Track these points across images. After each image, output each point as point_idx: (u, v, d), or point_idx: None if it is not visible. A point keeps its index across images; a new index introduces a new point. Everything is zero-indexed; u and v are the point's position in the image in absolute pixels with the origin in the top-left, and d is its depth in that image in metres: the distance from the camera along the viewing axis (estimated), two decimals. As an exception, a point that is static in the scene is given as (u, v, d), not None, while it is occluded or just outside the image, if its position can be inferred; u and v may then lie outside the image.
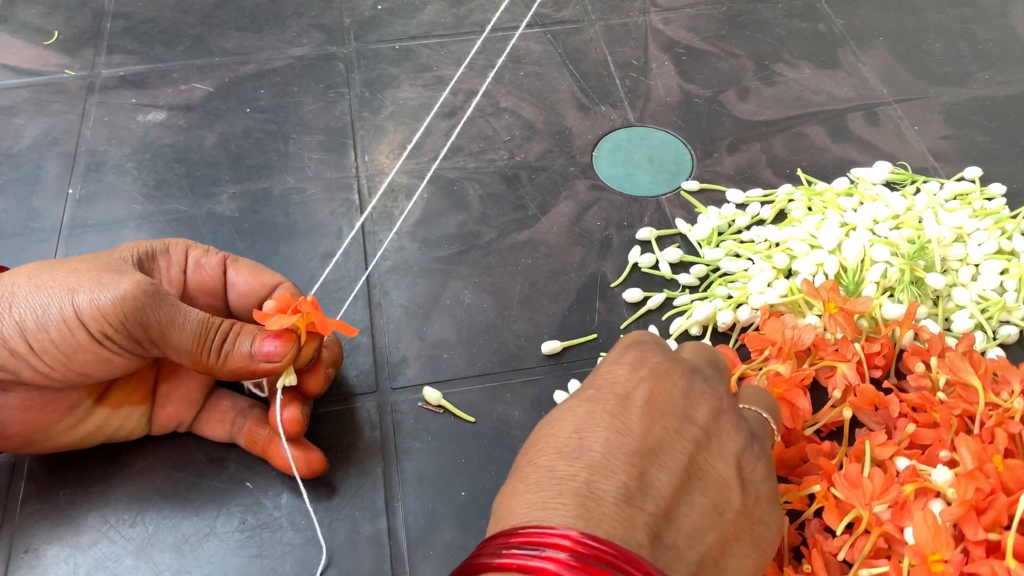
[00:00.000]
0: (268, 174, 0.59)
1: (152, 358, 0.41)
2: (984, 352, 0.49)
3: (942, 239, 0.51)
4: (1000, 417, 0.41)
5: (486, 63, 0.67)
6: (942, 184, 0.57)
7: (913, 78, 0.66)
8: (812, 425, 0.45)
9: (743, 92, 0.65)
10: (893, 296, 0.49)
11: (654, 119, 0.63)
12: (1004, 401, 0.42)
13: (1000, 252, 0.52)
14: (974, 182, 0.57)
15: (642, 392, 0.34)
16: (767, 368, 0.44)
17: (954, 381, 0.44)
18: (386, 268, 0.54)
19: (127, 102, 0.64)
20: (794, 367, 0.45)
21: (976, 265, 0.51)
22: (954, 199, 0.56)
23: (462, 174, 0.59)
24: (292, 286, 0.44)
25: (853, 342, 0.46)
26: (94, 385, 0.41)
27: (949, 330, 0.50)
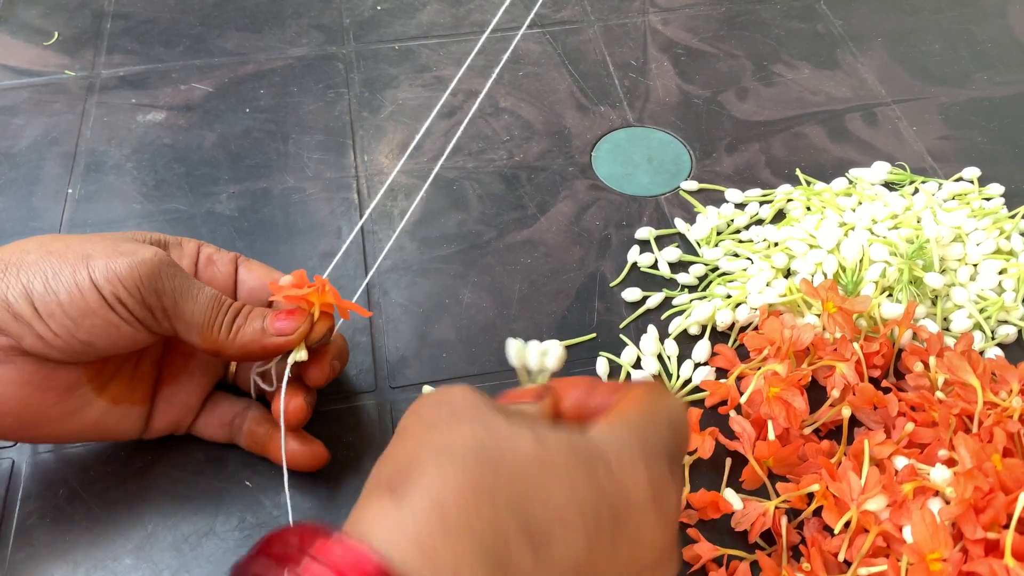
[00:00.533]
0: (268, 174, 0.59)
1: (160, 335, 0.40)
2: (982, 351, 0.49)
3: (940, 239, 0.51)
4: (998, 416, 0.41)
5: (486, 63, 0.67)
6: (940, 184, 0.57)
7: (912, 79, 0.66)
8: (811, 424, 0.45)
9: (742, 92, 0.65)
10: (892, 296, 0.49)
11: (653, 119, 0.63)
12: (1002, 400, 0.42)
13: (998, 252, 0.52)
14: (972, 182, 0.57)
15: (644, 539, 0.28)
16: (765, 368, 0.44)
17: (953, 380, 0.44)
18: (385, 267, 0.54)
19: (127, 102, 0.64)
20: (791, 367, 0.45)
21: (974, 265, 0.52)
22: (952, 199, 0.56)
23: (461, 174, 0.59)
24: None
25: (852, 341, 0.46)
26: (94, 370, 0.40)
27: (948, 329, 0.50)
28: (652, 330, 0.50)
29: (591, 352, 0.49)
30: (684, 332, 0.50)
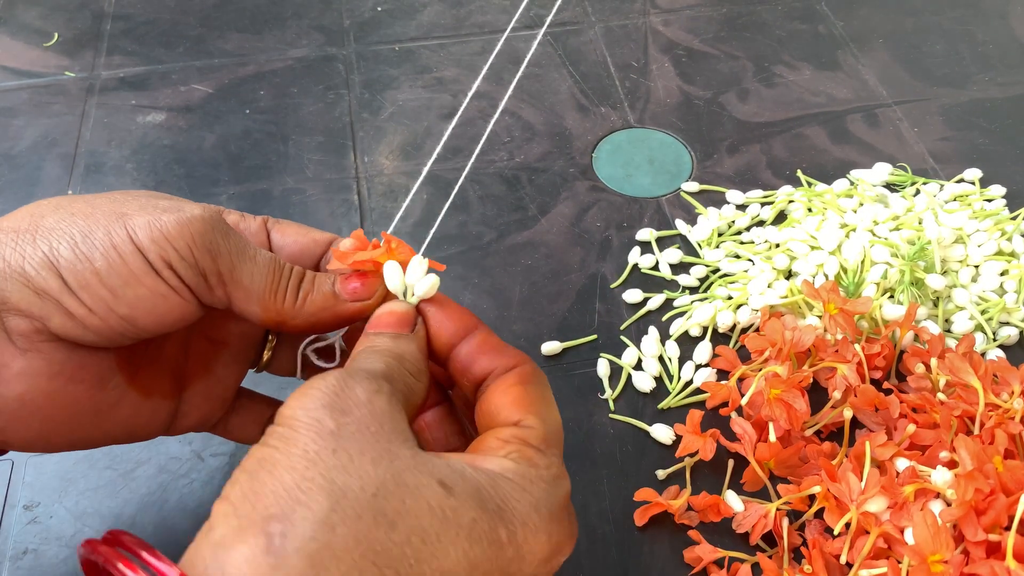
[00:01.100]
0: (267, 175, 0.59)
1: (209, 308, 0.33)
2: (984, 353, 0.49)
3: (942, 240, 0.51)
4: (1000, 418, 0.41)
5: (490, 66, 0.67)
6: (942, 185, 0.57)
7: (913, 80, 0.66)
8: (812, 426, 0.45)
9: (743, 93, 0.65)
10: (893, 297, 0.49)
11: (654, 120, 0.63)
12: (1004, 402, 0.42)
13: (1000, 253, 0.52)
14: (974, 183, 0.57)
15: None
16: (766, 369, 0.44)
17: (954, 382, 0.44)
18: (386, 269, 0.54)
19: (127, 103, 0.64)
20: (791, 368, 0.45)
21: (976, 266, 0.51)
22: (954, 200, 0.56)
23: (462, 175, 0.59)
24: (343, 241, 0.36)
25: (853, 343, 0.46)
26: (124, 357, 0.34)
27: (949, 331, 0.50)
28: (653, 331, 0.50)
29: (592, 353, 0.49)
30: (685, 333, 0.50)
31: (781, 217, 0.56)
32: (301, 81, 0.66)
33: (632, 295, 0.52)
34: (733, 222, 0.56)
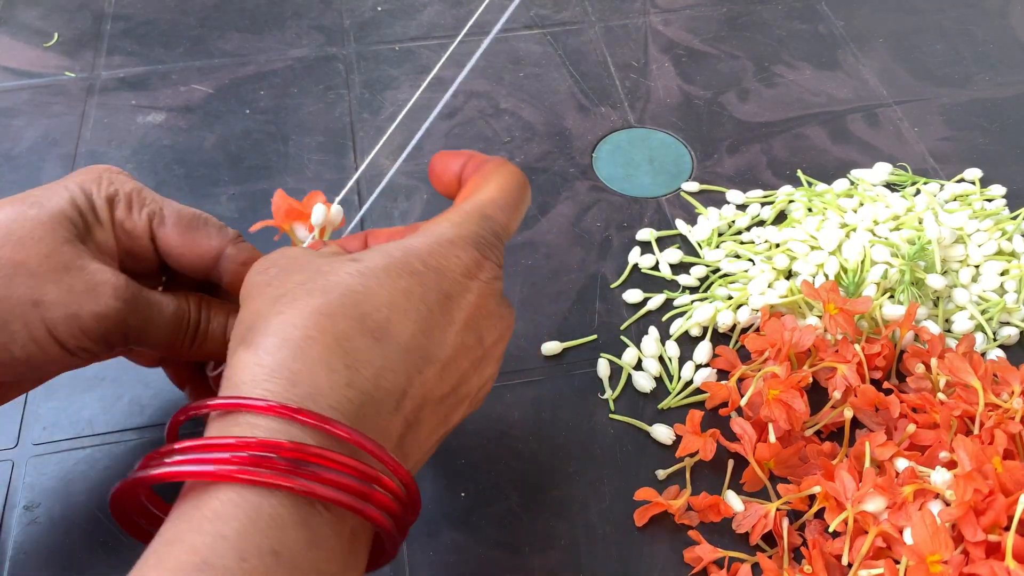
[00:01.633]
0: (268, 175, 0.59)
1: None
2: (984, 353, 0.49)
3: (942, 240, 0.51)
4: (1000, 418, 0.41)
5: (486, 64, 0.67)
6: (942, 185, 0.57)
7: (913, 79, 0.66)
8: (812, 426, 0.45)
9: (743, 93, 0.65)
10: (893, 297, 0.49)
11: (654, 120, 0.63)
12: (1004, 402, 0.42)
13: (1000, 253, 0.52)
14: (974, 183, 0.57)
15: (466, 304, 0.32)
16: (765, 370, 0.44)
17: (954, 382, 0.44)
18: (386, 269, 0.54)
19: (127, 103, 0.64)
20: (790, 368, 0.45)
21: (976, 266, 0.51)
22: (954, 200, 0.56)
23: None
24: (239, 249, 0.39)
25: (853, 343, 0.46)
26: None
27: (949, 331, 0.50)
28: (653, 331, 0.50)
29: (592, 353, 0.49)
30: (685, 333, 0.50)
31: (781, 217, 0.56)
32: (301, 81, 0.66)
33: (632, 295, 0.52)
34: (733, 222, 0.56)
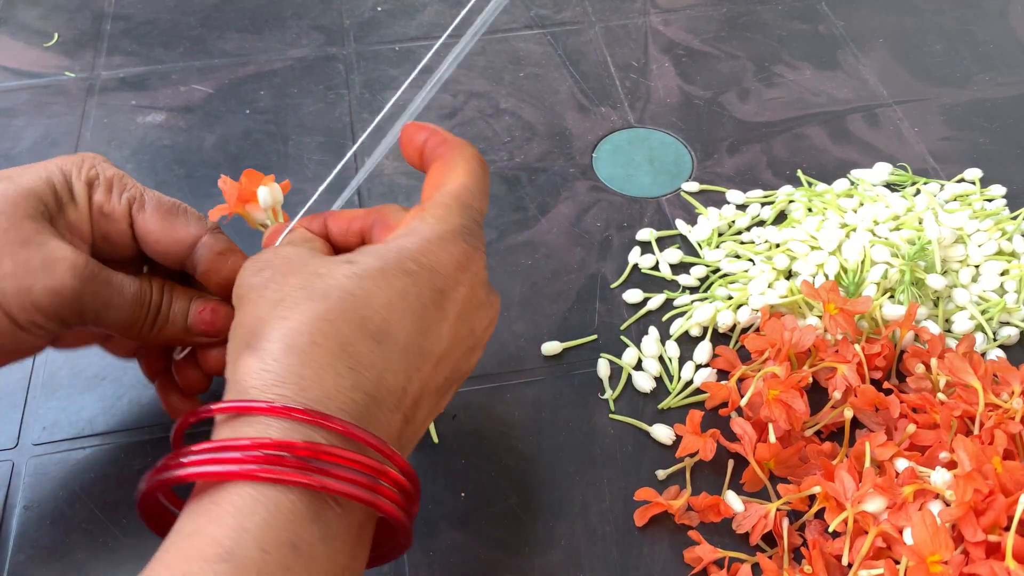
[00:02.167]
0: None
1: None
2: (984, 353, 0.49)
3: (942, 240, 0.51)
4: (1000, 418, 0.41)
5: (487, 64, 0.67)
6: (942, 185, 0.57)
7: (913, 79, 0.66)
8: (812, 426, 0.45)
9: (743, 93, 0.65)
10: (893, 297, 0.49)
11: (654, 120, 0.63)
12: (1004, 402, 0.42)
13: (1000, 253, 0.52)
14: (974, 183, 0.57)
15: (459, 297, 0.33)
16: (765, 370, 0.44)
17: (954, 382, 0.44)
18: (386, 269, 0.54)
19: (127, 103, 0.64)
20: (790, 369, 0.45)
21: (976, 266, 0.51)
22: (954, 200, 0.56)
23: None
24: (216, 240, 0.39)
25: (853, 343, 0.46)
26: None
27: (949, 331, 0.50)
28: (653, 331, 0.50)
29: (592, 354, 0.49)
30: (685, 334, 0.50)
31: (781, 217, 0.56)
32: (301, 81, 0.66)
33: (632, 295, 0.52)
34: (733, 222, 0.56)
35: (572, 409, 0.47)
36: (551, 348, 0.49)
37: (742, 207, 0.57)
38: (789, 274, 0.52)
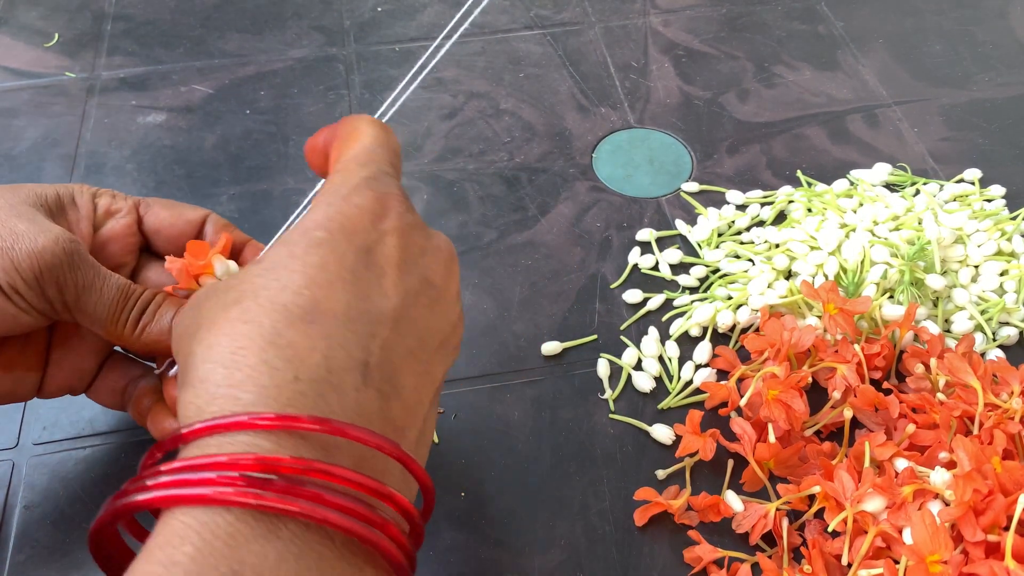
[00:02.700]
0: (268, 175, 0.59)
1: (59, 320, 0.37)
2: (984, 353, 0.49)
3: (942, 240, 0.51)
4: (999, 418, 0.41)
5: (487, 65, 0.67)
6: (942, 186, 0.57)
7: (913, 80, 0.66)
8: (812, 426, 0.45)
9: (743, 94, 0.65)
10: (893, 297, 0.49)
11: (654, 121, 0.63)
12: (1003, 402, 0.42)
13: (1000, 253, 0.52)
14: (974, 184, 0.57)
15: (388, 250, 0.30)
16: (764, 370, 0.44)
17: (954, 382, 0.44)
18: (386, 269, 0.54)
19: (127, 104, 0.64)
20: (789, 369, 0.45)
21: (976, 266, 0.52)
22: (954, 200, 0.56)
23: (462, 175, 0.59)
24: (219, 218, 0.41)
25: (853, 343, 0.46)
26: None
27: (949, 331, 0.50)
28: (653, 331, 0.50)
29: (592, 353, 0.49)
30: (685, 334, 0.50)
31: (781, 217, 0.56)
32: (301, 81, 0.66)
33: (632, 295, 0.52)
34: (733, 222, 0.56)
35: (572, 409, 0.47)
36: (551, 348, 0.49)
37: (742, 207, 0.57)
38: (789, 274, 0.52)
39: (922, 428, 0.43)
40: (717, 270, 0.53)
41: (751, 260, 0.53)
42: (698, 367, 0.49)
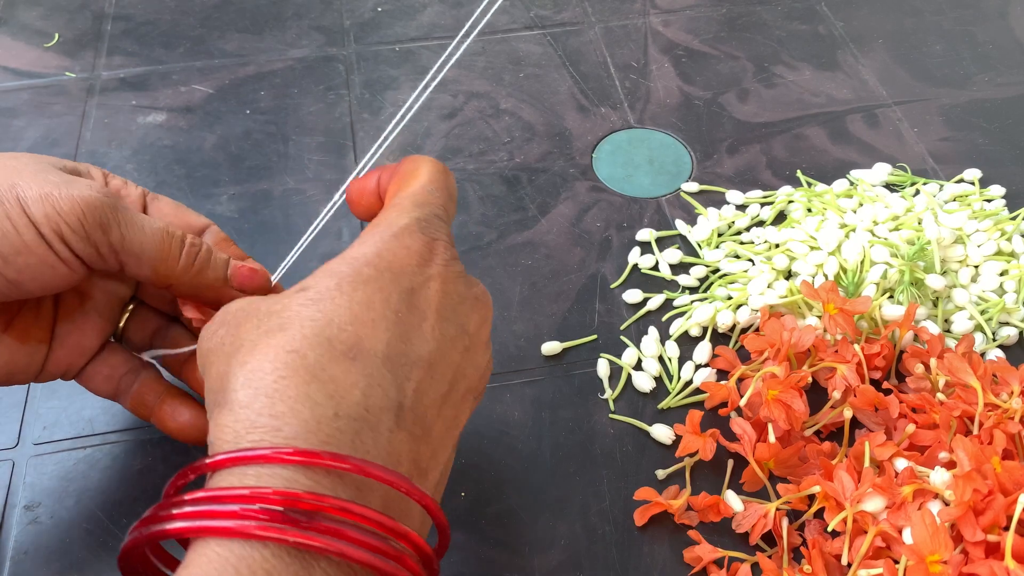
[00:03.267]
0: (268, 175, 0.59)
1: (100, 270, 0.36)
2: (984, 353, 0.49)
3: (942, 240, 0.51)
4: (999, 418, 0.41)
5: (487, 65, 0.67)
6: (942, 186, 0.57)
7: (913, 80, 0.66)
8: (812, 426, 0.45)
9: (743, 94, 0.65)
10: (893, 297, 0.49)
11: (654, 121, 0.63)
12: (1003, 402, 0.42)
13: (999, 254, 0.52)
14: (973, 184, 0.57)
15: (431, 293, 0.30)
16: (764, 370, 0.44)
17: (953, 382, 0.44)
18: (386, 269, 0.54)
19: (127, 104, 0.64)
20: (789, 369, 0.45)
21: (976, 266, 0.52)
22: (953, 201, 0.56)
23: (462, 175, 0.59)
24: (219, 230, 0.41)
25: (853, 343, 0.46)
26: (1, 306, 0.36)
27: (949, 331, 0.50)
28: (653, 331, 0.50)
29: (592, 353, 0.49)
30: (685, 334, 0.50)
31: (781, 217, 0.56)
32: (301, 81, 0.66)
33: (632, 295, 0.52)
34: (733, 222, 0.56)
35: (572, 409, 0.47)
36: (551, 348, 0.49)
37: (742, 207, 0.57)
38: (789, 274, 0.52)
39: (922, 428, 0.43)
40: (717, 270, 0.53)
41: (751, 260, 0.53)
42: (698, 367, 0.49)
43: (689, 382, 0.48)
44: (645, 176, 0.59)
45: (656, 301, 0.52)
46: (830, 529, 0.39)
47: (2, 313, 0.37)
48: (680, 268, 0.54)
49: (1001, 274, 0.51)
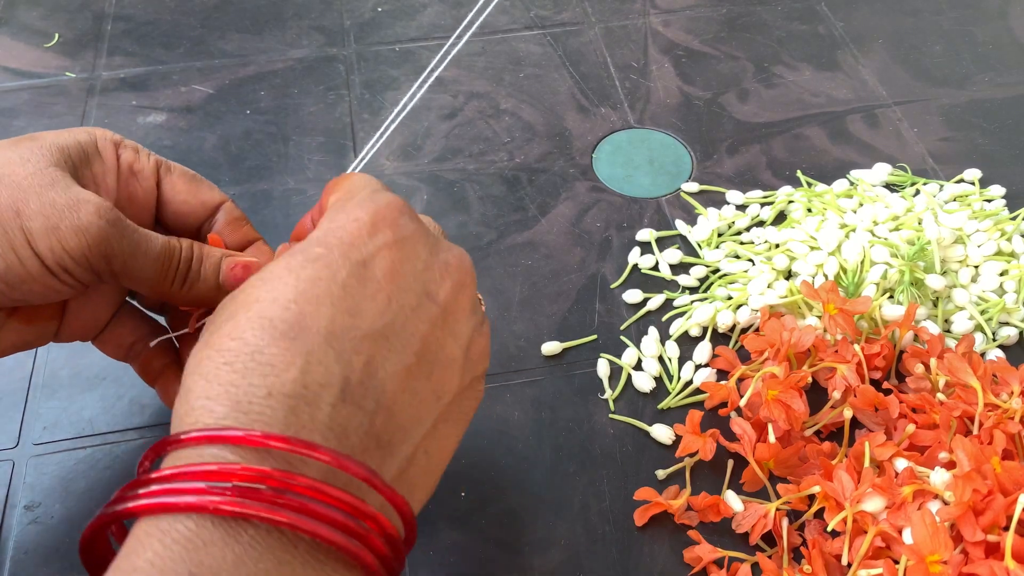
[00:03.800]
0: (268, 175, 0.59)
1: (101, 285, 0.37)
2: (984, 353, 0.49)
3: (942, 240, 0.51)
4: (999, 418, 0.41)
5: (486, 65, 0.67)
6: (941, 186, 0.57)
7: (912, 80, 0.66)
8: (812, 426, 0.45)
9: (743, 94, 0.65)
10: (893, 297, 0.49)
11: (654, 121, 0.63)
12: (1003, 402, 0.42)
13: (1000, 254, 0.52)
14: (973, 184, 0.57)
15: (383, 262, 0.29)
16: (764, 370, 0.44)
17: (953, 382, 0.44)
18: (386, 269, 0.54)
19: (127, 104, 0.64)
20: (789, 369, 0.45)
21: (976, 266, 0.52)
22: (953, 201, 0.56)
23: (462, 176, 0.59)
24: (234, 207, 0.41)
25: (853, 343, 0.46)
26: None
27: (949, 331, 0.50)
28: (653, 332, 0.50)
29: (592, 353, 0.49)
30: (685, 334, 0.50)
31: (781, 217, 0.56)
32: (301, 82, 0.66)
33: (632, 295, 0.52)
34: (733, 222, 0.56)
35: (572, 409, 0.47)
36: (551, 348, 0.49)
37: (742, 207, 0.57)
38: (789, 274, 0.52)
39: (922, 428, 0.43)
40: (717, 270, 0.53)
41: (751, 260, 0.53)
42: (698, 367, 0.49)
43: (689, 382, 0.48)
44: (645, 176, 0.59)
45: (656, 301, 0.52)
46: (830, 529, 0.39)
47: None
48: (680, 268, 0.54)
49: (1001, 274, 0.51)
